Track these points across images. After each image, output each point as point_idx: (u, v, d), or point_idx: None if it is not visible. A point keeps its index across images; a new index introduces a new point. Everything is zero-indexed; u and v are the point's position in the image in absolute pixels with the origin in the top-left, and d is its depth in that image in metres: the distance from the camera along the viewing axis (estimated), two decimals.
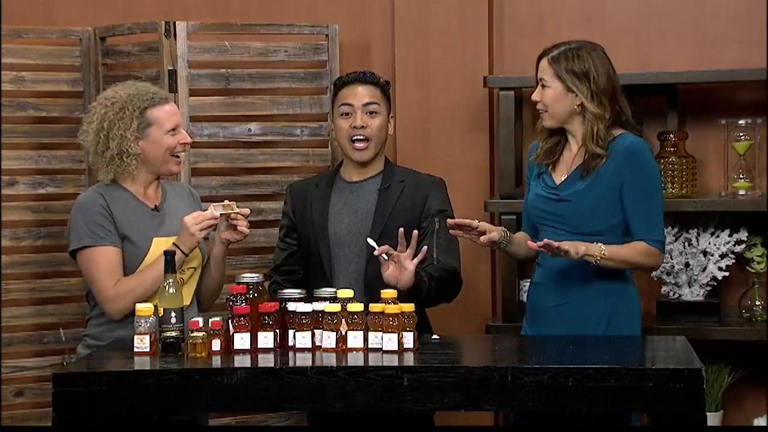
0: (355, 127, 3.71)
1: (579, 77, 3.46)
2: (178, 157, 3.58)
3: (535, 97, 3.54)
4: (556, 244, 3.34)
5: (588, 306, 3.50)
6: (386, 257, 3.42)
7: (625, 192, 3.46)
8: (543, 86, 3.51)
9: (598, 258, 3.40)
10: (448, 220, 3.49)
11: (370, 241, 3.49)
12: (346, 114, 3.74)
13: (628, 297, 3.56)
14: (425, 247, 3.45)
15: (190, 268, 3.57)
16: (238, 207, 3.52)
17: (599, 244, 3.42)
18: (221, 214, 3.48)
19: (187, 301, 3.47)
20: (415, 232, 3.45)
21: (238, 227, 3.52)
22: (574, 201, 3.49)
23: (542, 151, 3.59)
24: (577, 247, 3.37)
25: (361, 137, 3.72)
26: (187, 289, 3.53)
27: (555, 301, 3.54)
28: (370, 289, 3.51)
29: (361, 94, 3.74)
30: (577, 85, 3.46)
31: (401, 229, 3.45)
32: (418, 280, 3.44)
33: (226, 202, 3.52)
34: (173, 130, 3.56)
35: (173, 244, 3.45)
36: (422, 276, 3.48)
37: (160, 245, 3.48)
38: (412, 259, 3.42)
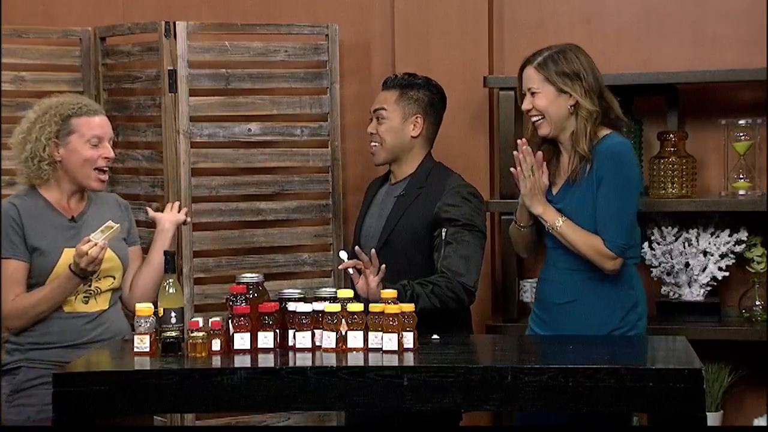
0: (371, 132, 3.84)
1: (570, 77, 3.47)
2: (102, 172, 3.53)
3: (525, 106, 3.53)
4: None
5: (596, 305, 3.49)
6: (352, 271, 3.47)
7: (599, 190, 3.45)
8: (533, 94, 3.51)
9: (550, 227, 3.47)
10: None
11: (342, 254, 3.58)
12: (370, 120, 3.88)
13: (635, 297, 3.55)
14: (384, 266, 3.44)
15: (109, 276, 3.53)
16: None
17: (560, 216, 3.46)
18: (107, 235, 3.39)
19: (105, 306, 3.52)
20: (373, 251, 3.46)
21: None
22: (564, 208, 3.50)
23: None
24: (537, 206, 3.48)
25: (372, 144, 3.83)
26: (102, 297, 3.54)
27: (564, 298, 3.54)
28: None
29: (376, 101, 3.86)
30: (569, 85, 3.47)
31: (373, 250, 3.48)
32: (398, 292, 3.42)
33: (106, 224, 3.43)
34: (95, 142, 3.51)
35: (69, 266, 3.42)
36: (406, 288, 3.48)
37: (70, 256, 3.44)
38: (375, 276, 3.43)
